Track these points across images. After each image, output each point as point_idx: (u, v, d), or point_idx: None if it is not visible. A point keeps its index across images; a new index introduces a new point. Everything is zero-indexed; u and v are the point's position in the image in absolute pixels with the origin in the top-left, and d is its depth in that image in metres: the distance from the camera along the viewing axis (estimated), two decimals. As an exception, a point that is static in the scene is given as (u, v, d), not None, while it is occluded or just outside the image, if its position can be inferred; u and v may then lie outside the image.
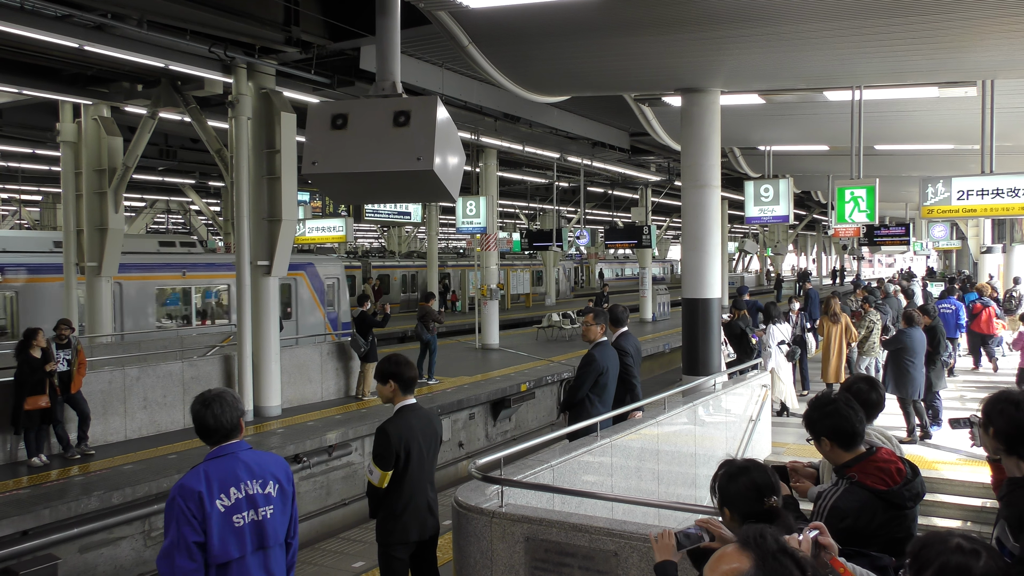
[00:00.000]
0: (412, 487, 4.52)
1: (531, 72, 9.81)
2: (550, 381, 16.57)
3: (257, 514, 3.44)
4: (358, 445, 11.76)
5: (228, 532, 3.35)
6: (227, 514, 3.35)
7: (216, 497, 3.34)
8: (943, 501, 8.27)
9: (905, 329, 10.08)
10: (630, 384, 7.31)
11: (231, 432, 3.49)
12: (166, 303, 18.83)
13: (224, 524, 3.34)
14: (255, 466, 3.50)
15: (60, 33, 9.49)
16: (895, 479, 3.16)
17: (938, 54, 8.49)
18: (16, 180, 24.30)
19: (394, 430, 4.45)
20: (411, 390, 4.62)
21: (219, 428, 3.45)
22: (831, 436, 3.26)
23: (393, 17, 4.58)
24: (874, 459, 3.21)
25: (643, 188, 28.57)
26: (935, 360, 10.42)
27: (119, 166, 13.95)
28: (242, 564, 3.40)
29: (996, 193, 9.86)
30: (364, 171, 4.03)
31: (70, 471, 9.49)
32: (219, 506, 3.33)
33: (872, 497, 3.12)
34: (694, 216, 10.10)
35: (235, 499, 3.38)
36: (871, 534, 3.05)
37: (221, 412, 3.45)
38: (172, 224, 42.08)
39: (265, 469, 3.53)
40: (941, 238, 28.55)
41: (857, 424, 3.23)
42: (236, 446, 3.50)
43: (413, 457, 4.49)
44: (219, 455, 3.45)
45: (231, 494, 3.37)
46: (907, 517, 3.19)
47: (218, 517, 3.32)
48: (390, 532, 4.54)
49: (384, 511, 4.54)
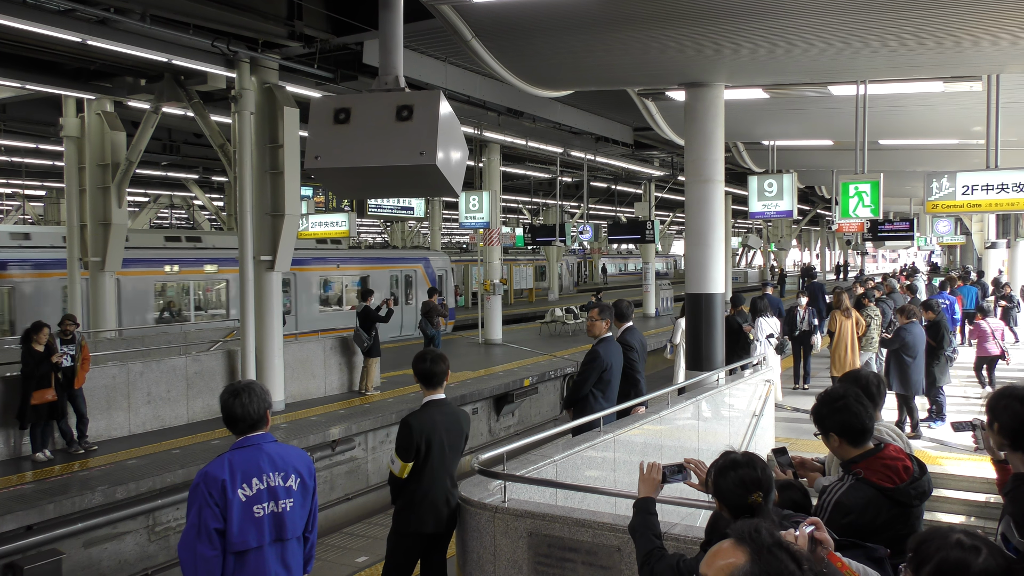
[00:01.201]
0: (431, 480, 4.60)
1: (534, 66, 9.79)
2: (553, 376, 16.58)
3: (277, 506, 3.50)
4: (361, 440, 11.78)
5: (248, 521, 3.43)
6: (248, 504, 3.43)
7: (238, 486, 3.42)
8: (948, 497, 8.25)
9: (904, 325, 10.06)
10: (634, 379, 7.30)
11: (257, 423, 3.58)
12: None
13: (244, 513, 3.42)
14: (278, 458, 3.57)
15: (63, 27, 9.49)
16: (902, 476, 3.14)
17: (943, 48, 8.45)
18: (20, 175, 24.31)
19: (416, 423, 4.57)
20: (433, 385, 4.72)
21: (245, 418, 3.55)
22: (840, 432, 3.24)
23: (396, 11, 4.56)
24: (881, 456, 3.19)
25: (646, 183, 28.51)
26: (938, 355, 10.40)
27: (122, 161, 13.95)
28: (259, 554, 3.47)
29: (1001, 188, 9.81)
30: (367, 166, 4.01)
31: (74, 466, 9.51)
32: (240, 495, 3.42)
33: (877, 494, 3.10)
34: (697, 211, 10.08)
35: (256, 490, 3.46)
36: (875, 530, 3.03)
37: (248, 402, 3.54)
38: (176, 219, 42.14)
39: (288, 462, 3.59)
40: (945, 233, 28.42)
41: (866, 420, 3.21)
42: (261, 437, 3.59)
43: (434, 451, 4.58)
44: (244, 445, 3.55)
45: (253, 484, 3.46)
46: (912, 514, 3.17)
47: (239, 506, 3.40)
48: (406, 521, 4.65)
49: (403, 500, 4.64)
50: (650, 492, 3.29)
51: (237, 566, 3.44)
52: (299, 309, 20.83)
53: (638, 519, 3.23)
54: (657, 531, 3.17)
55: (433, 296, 16.71)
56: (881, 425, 3.67)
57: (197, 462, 9.52)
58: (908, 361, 9.76)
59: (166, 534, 9.25)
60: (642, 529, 3.18)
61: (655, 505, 3.26)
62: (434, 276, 25.10)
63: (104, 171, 14.11)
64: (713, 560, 1.91)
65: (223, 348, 13.64)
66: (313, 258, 21.43)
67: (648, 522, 3.19)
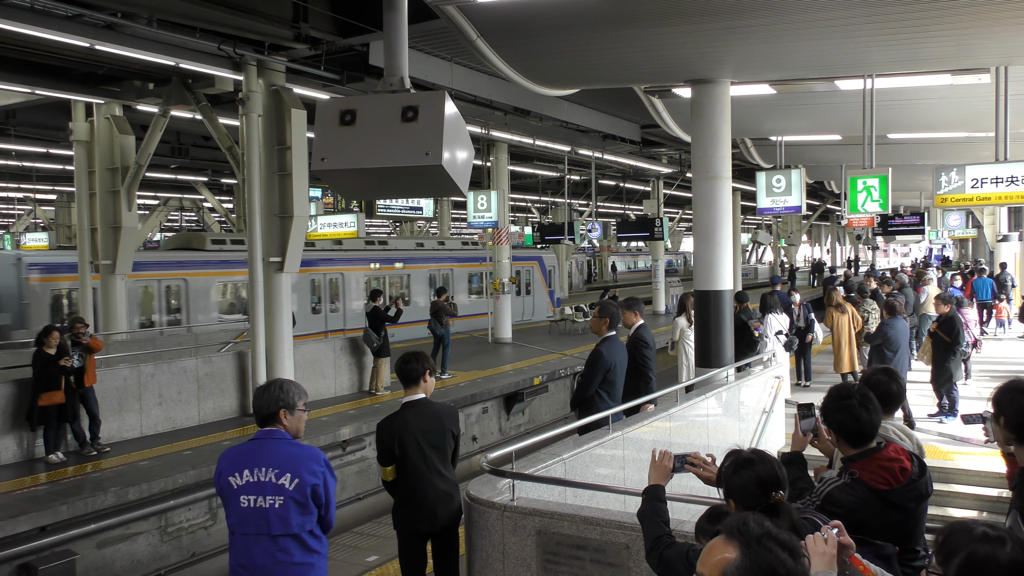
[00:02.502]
0: (415, 481, 4.62)
1: (540, 65, 9.79)
2: (563, 375, 16.58)
3: (265, 501, 3.61)
4: (371, 440, 11.81)
5: (235, 508, 3.66)
6: (237, 492, 3.65)
7: (230, 473, 3.66)
8: (958, 491, 8.23)
9: (887, 320, 10.06)
10: (646, 377, 7.29)
11: (267, 419, 3.76)
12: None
13: (234, 500, 3.66)
14: (277, 456, 3.67)
15: (71, 33, 9.55)
16: (898, 478, 3.12)
17: (950, 41, 8.41)
18: (30, 179, 24.48)
19: (386, 427, 4.65)
20: (409, 384, 4.73)
21: (257, 411, 3.80)
22: (837, 431, 3.27)
23: (400, 12, 4.58)
24: (879, 456, 3.18)
25: (655, 180, 28.46)
26: (954, 351, 10.35)
27: (132, 164, 14.02)
28: (245, 540, 3.67)
29: (1011, 181, 9.74)
30: (373, 167, 4.03)
31: (87, 468, 9.58)
32: (232, 482, 3.65)
33: (872, 496, 3.10)
34: (705, 208, 10.05)
35: (246, 481, 3.64)
36: (875, 529, 3.02)
37: (259, 397, 3.79)
38: (186, 222, 42.31)
39: (288, 461, 3.66)
40: (957, 227, 28.25)
41: (865, 425, 3.19)
42: (268, 433, 3.74)
43: (410, 452, 4.59)
44: (256, 438, 3.76)
45: (243, 475, 3.64)
46: (913, 514, 3.16)
47: (231, 492, 3.65)
48: (398, 521, 4.74)
49: (395, 500, 4.74)
50: (660, 480, 3.32)
51: (232, 544, 3.71)
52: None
53: (647, 505, 3.25)
54: (666, 518, 3.19)
55: (442, 296, 16.72)
56: (890, 423, 3.65)
57: (208, 463, 9.58)
58: (888, 356, 9.80)
59: (178, 535, 9.31)
60: (651, 515, 3.19)
61: (664, 493, 3.28)
62: (546, 271, 29.47)
63: (114, 175, 14.18)
64: (707, 558, 1.92)
65: (233, 349, 13.71)
66: (464, 257, 26.12)
67: (657, 509, 3.21)
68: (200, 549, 9.48)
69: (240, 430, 11.18)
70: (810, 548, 2.36)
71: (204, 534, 9.59)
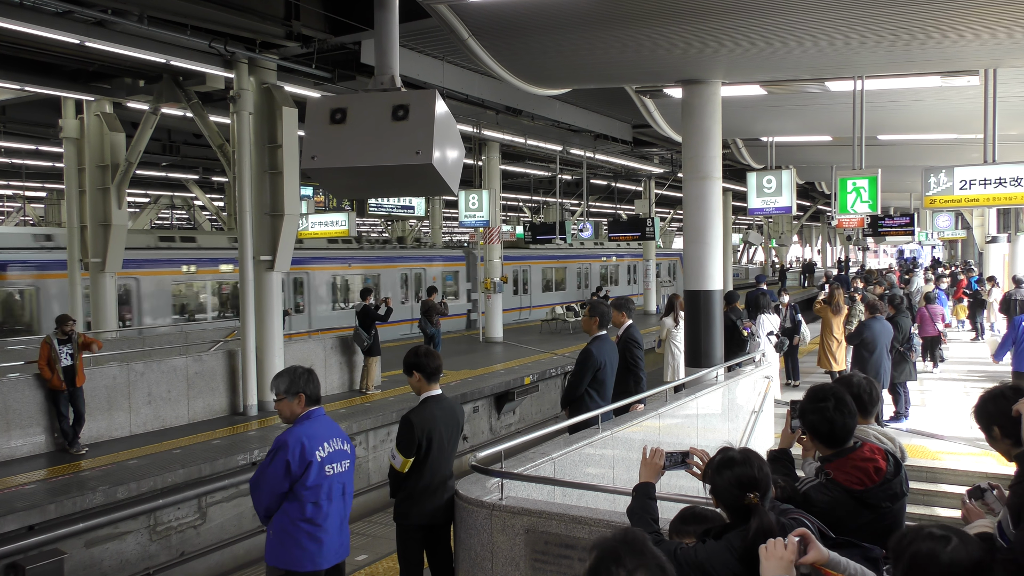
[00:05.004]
0: (432, 473, 4.70)
1: (531, 64, 9.79)
2: (554, 374, 16.59)
3: (342, 466, 4.34)
4: (362, 439, 11.80)
5: (322, 477, 4.17)
6: (321, 464, 4.15)
7: (316, 448, 4.15)
8: (945, 491, 8.27)
9: (865, 320, 10.12)
10: (637, 376, 7.32)
11: (317, 400, 4.34)
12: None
13: (319, 470, 4.15)
14: (332, 429, 4.37)
15: (61, 29, 9.50)
16: (872, 478, 3.14)
17: (940, 43, 8.44)
18: (20, 176, 24.34)
19: (418, 419, 4.65)
20: (435, 380, 4.81)
21: (312, 393, 4.34)
22: (809, 431, 3.31)
23: (391, 11, 4.57)
24: (853, 456, 3.19)
25: (646, 180, 28.50)
26: (895, 350, 10.41)
27: (122, 162, 13.96)
28: (330, 506, 4.26)
29: (999, 183, 9.80)
30: (363, 165, 4.03)
31: (76, 466, 9.53)
32: (318, 455, 4.13)
33: (846, 497, 3.12)
34: (696, 208, 10.08)
35: (327, 452, 4.20)
36: (855, 528, 3.03)
37: (313, 381, 4.30)
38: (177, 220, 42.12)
39: (338, 432, 4.39)
40: (946, 228, 28.36)
41: (838, 429, 3.20)
42: (320, 411, 4.33)
43: (434, 445, 4.67)
44: (314, 416, 4.28)
45: (324, 447, 4.19)
46: (889, 513, 3.17)
47: (316, 464, 4.12)
48: (406, 513, 4.76)
49: (404, 492, 4.75)
50: (651, 477, 3.33)
51: (315, 514, 4.16)
52: (532, 297, 28.83)
53: (637, 503, 3.27)
54: (655, 515, 3.21)
55: (432, 295, 16.72)
56: (870, 428, 3.65)
57: (198, 462, 9.55)
58: (866, 356, 9.90)
59: (167, 534, 9.28)
60: (641, 513, 3.22)
61: (655, 490, 3.29)
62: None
63: (104, 172, 14.11)
64: None
65: (223, 348, 13.66)
66: (524, 255, 28.08)
67: (647, 506, 3.23)
68: (189, 548, 9.45)
69: (230, 429, 11.14)
70: (767, 552, 2.41)
71: (193, 533, 9.55)
